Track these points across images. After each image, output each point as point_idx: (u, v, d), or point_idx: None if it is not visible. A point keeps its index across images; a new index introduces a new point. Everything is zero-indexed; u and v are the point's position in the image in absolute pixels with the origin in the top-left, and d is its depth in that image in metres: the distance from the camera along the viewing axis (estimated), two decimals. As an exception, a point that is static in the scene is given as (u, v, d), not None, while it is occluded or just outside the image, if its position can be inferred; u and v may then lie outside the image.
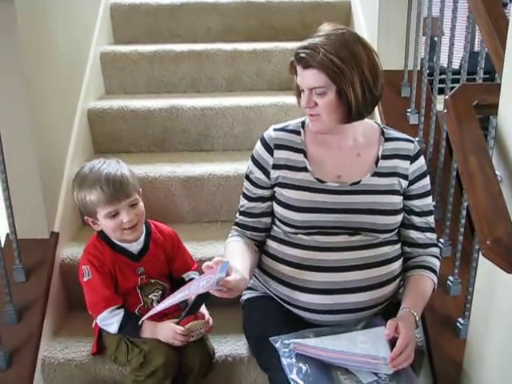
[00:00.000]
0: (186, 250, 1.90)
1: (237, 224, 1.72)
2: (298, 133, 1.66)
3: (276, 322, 1.61)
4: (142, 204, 1.75)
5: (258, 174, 1.66)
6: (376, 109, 2.38)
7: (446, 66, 2.10)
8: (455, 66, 2.21)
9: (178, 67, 2.72)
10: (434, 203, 2.04)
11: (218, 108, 2.48)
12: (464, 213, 1.81)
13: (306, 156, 1.63)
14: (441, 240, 1.97)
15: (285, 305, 1.64)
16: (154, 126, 2.49)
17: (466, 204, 1.77)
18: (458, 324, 1.81)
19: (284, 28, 2.95)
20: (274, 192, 1.65)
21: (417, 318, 1.51)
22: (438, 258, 1.67)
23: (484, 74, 1.92)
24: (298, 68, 1.54)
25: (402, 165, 1.62)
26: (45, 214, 2.00)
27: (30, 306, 1.88)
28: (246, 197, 1.70)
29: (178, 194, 2.25)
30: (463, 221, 1.82)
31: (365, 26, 2.73)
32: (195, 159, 2.41)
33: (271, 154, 1.64)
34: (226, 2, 2.98)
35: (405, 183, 1.62)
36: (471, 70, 2.03)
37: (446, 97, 1.39)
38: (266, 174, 1.64)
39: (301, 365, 1.45)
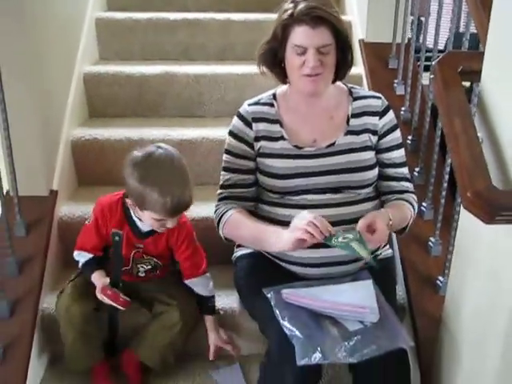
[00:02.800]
0: (195, 250, 1.85)
1: (225, 198, 1.76)
2: (271, 105, 1.74)
3: (267, 276, 1.69)
4: None
5: (242, 147, 1.73)
6: (364, 79, 2.49)
7: (431, 46, 2.18)
8: (440, 46, 2.29)
9: (171, 35, 2.77)
10: (417, 169, 2.15)
11: (211, 75, 2.55)
12: (446, 177, 1.90)
13: (281, 125, 1.71)
14: (423, 204, 2.07)
15: (276, 260, 1.73)
16: (148, 91, 2.55)
17: (448, 169, 1.87)
18: (438, 282, 1.92)
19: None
20: (257, 163, 1.73)
21: (390, 220, 1.61)
22: (414, 200, 1.76)
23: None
24: (302, 28, 1.58)
25: (371, 121, 1.71)
26: (44, 173, 2.07)
27: (31, 259, 1.95)
28: (230, 170, 1.75)
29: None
30: (445, 184, 1.91)
31: (356, 0, 2.81)
32: (188, 124, 2.47)
33: (250, 127, 1.72)
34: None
35: (375, 139, 1.72)
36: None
37: (433, 63, 1.48)
38: (250, 146, 1.73)
39: (292, 313, 1.54)
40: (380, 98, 1.76)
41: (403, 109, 2.31)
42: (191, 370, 1.93)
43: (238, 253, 1.85)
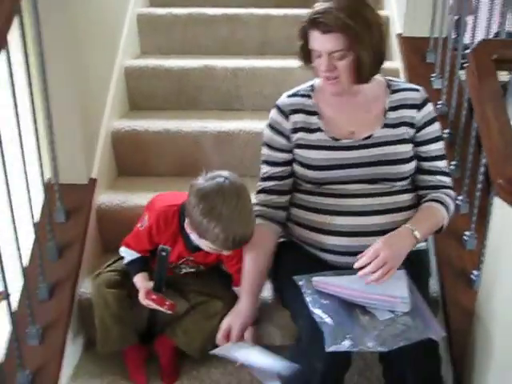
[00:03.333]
0: (238, 261, 1.79)
1: (261, 191, 1.78)
2: (309, 96, 1.75)
3: (299, 264, 1.70)
4: None
5: (278, 139, 1.74)
6: (401, 73, 2.48)
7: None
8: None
9: (211, 30, 2.82)
10: (454, 162, 2.13)
11: (249, 69, 2.58)
12: (482, 170, 1.88)
13: (319, 117, 1.72)
14: (459, 197, 2.04)
15: (311, 249, 1.73)
16: (187, 84, 2.59)
17: (484, 160, 1.84)
18: (472, 276, 1.90)
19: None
20: (294, 154, 1.74)
21: (417, 236, 1.60)
22: (450, 197, 1.73)
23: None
24: (315, 33, 1.58)
25: (409, 113, 1.69)
26: (84, 162, 2.13)
27: (70, 245, 2.01)
28: (268, 163, 1.77)
29: (209, 149, 2.36)
30: (481, 177, 1.89)
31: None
32: (226, 117, 2.51)
33: (287, 119, 1.73)
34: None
35: (412, 131, 1.70)
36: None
37: (468, 51, 1.47)
38: (287, 138, 1.73)
39: (322, 301, 1.54)
40: (418, 90, 1.74)
41: (440, 102, 2.29)
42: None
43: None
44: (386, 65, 2.46)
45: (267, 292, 1.94)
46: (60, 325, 1.86)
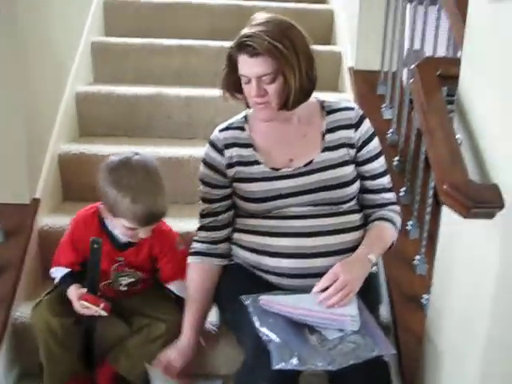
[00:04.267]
0: (183, 257, 1.78)
1: (201, 228, 1.74)
2: (242, 128, 1.71)
3: (246, 285, 1.64)
4: None
5: (214, 176, 1.69)
6: (353, 104, 2.51)
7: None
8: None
9: (165, 60, 2.82)
10: (403, 189, 2.14)
11: (201, 98, 2.58)
12: (431, 193, 1.89)
13: (254, 149, 1.68)
14: (409, 222, 2.05)
15: (254, 270, 1.68)
16: (139, 111, 2.57)
17: (432, 184, 1.86)
18: (422, 301, 1.87)
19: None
20: (233, 188, 1.69)
21: (372, 260, 1.58)
22: (396, 213, 1.71)
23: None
24: (243, 57, 1.55)
25: (346, 134, 1.66)
26: (27, 181, 2.06)
27: (7, 266, 1.92)
28: (205, 200, 1.72)
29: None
30: (430, 200, 1.90)
31: (346, 31, 2.86)
32: (177, 144, 2.49)
33: (222, 154, 1.68)
34: (216, 3, 3.11)
35: (353, 152, 1.67)
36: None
37: (412, 66, 1.49)
38: (222, 174, 1.69)
39: (269, 319, 1.49)
40: (353, 108, 1.71)
41: (390, 131, 2.32)
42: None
43: (217, 265, 1.81)
44: (339, 96, 2.53)
45: (212, 317, 1.88)
46: (-9, 350, 1.76)
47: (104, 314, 1.70)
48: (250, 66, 1.55)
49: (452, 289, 1.48)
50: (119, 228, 1.70)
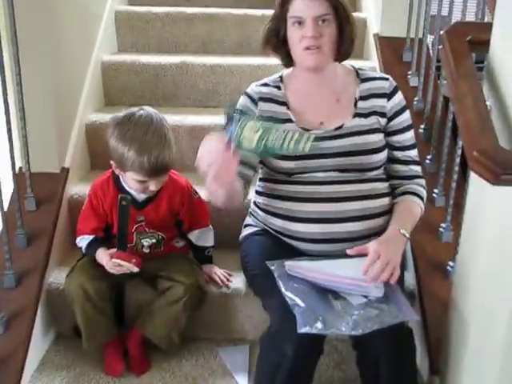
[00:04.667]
0: (199, 205, 1.89)
1: None
2: (278, 87, 1.73)
3: (271, 251, 1.67)
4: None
5: None
6: (378, 71, 2.49)
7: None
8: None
9: (189, 29, 2.80)
10: (429, 156, 2.14)
11: (227, 65, 2.57)
12: (457, 160, 1.88)
13: (288, 107, 1.70)
14: (435, 190, 2.05)
15: (281, 236, 1.70)
16: (164, 80, 2.57)
17: (459, 151, 1.85)
18: (448, 268, 1.88)
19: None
20: None
21: (406, 234, 1.58)
22: (423, 187, 1.73)
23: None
24: (299, 0, 1.59)
25: (379, 103, 1.68)
26: (56, 151, 2.09)
27: (39, 233, 1.96)
28: None
29: (184, 143, 2.32)
30: (456, 168, 1.89)
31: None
32: (202, 113, 2.49)
33: (256, 105, 1.71)
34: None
35: (384, 121, 1.69)
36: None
37: (441, 32, 1.47)
38: None
39: (294, 284, 1.51)
40: (387, 79, 1.73)
41: (416, 99, 2.30)
42: (195, 351, 1.92)
43: (244, 233, 1.84)
44: (364, 64, 2.50)
45: (240, 284, 1.92)
46: (26, 314, 1.80)
47: (136, 269, 1.75)
48: (306, 8, 1.58)
49: (479, 256, 1.48)
50: (130, 182, 1.75)
